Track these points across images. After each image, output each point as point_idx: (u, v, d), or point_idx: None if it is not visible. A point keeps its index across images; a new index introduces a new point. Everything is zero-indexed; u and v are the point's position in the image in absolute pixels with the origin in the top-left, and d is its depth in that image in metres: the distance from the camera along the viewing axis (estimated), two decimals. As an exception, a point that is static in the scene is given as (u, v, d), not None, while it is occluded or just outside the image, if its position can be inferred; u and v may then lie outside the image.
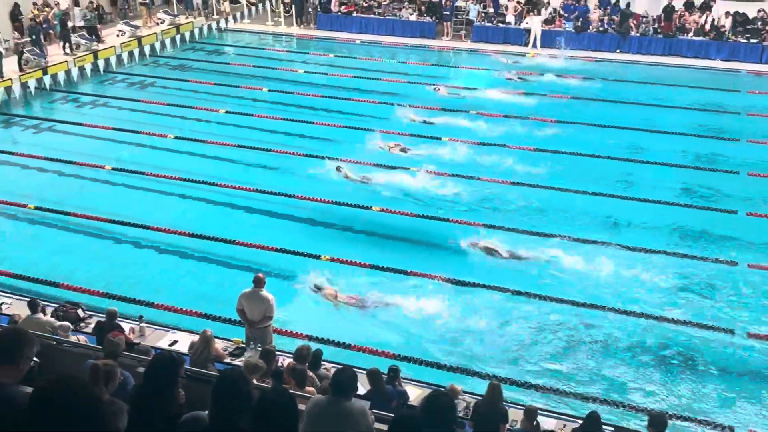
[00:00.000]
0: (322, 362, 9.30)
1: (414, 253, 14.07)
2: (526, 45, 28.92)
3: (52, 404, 2.56)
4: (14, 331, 4.18)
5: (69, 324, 9.91)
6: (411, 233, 14.88)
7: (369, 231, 14.94)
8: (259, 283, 10.28)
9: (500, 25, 29.83)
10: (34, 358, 3.99)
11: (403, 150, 18.64)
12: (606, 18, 28.97)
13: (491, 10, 30.25)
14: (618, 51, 28.44)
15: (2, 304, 11.16)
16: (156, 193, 16.54)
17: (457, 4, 30.31)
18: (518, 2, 29.99)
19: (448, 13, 30.09)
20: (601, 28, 28.80)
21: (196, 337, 9.49)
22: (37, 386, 2.65)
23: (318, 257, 13.45)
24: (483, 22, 30.04)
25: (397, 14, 31.03)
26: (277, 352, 9.14)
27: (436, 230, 14.82)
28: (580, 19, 28.97)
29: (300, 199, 15.81)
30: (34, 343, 3.99)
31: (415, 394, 8.85)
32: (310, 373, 8.59)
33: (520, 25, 29.48)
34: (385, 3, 31.38)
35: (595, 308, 12.19)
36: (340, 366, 8.57)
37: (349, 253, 13.59)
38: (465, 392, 9.11)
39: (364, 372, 8.37)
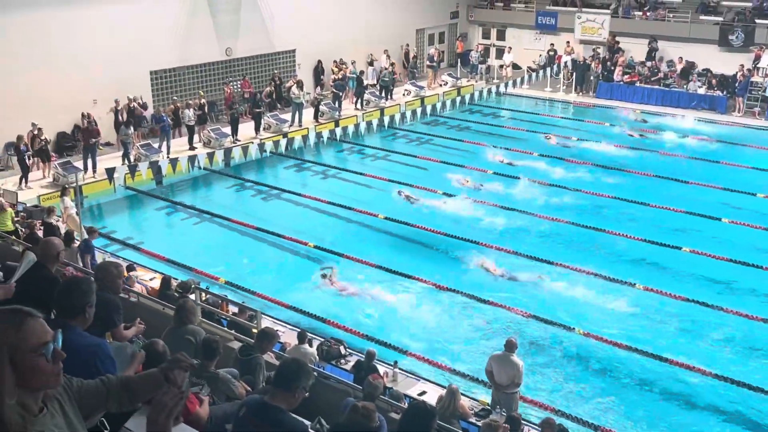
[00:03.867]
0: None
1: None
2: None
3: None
4: (295, 362, 4.43)
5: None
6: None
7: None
8: (511, 347, 10.28)
9: (802, 103, 27.25)
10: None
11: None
12: None
13: (793, 87, 27.75)
14: None
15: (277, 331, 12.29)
16: (423, 246, 17.25)
17: (752, 79, 28.25)
18: (827, 80, 27.26)
19: (741, 87, 28.15)
20: None
21: (443, 391, 9.70)
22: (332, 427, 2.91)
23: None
24: (782, 100, 27.64)
25: (685, 87, 29.63)
26: (522, 421, 9.04)
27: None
28: None
29: (577, 271, 15.60)
30: (310, 376, 4.35)
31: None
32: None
33: (826, 104, 26.73)
34: (678, 74, 30.06)
35: None
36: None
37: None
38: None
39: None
